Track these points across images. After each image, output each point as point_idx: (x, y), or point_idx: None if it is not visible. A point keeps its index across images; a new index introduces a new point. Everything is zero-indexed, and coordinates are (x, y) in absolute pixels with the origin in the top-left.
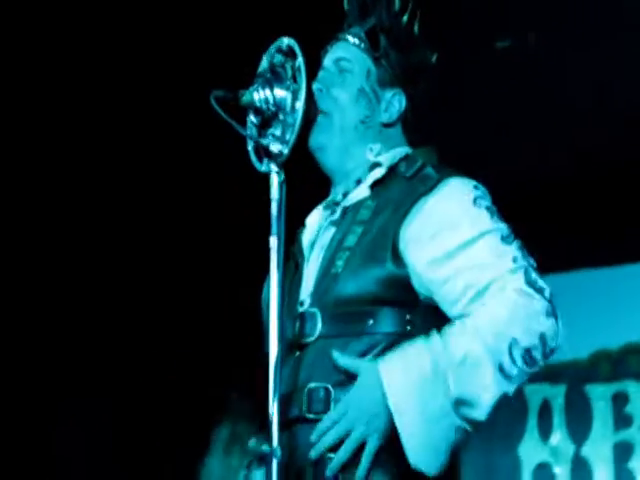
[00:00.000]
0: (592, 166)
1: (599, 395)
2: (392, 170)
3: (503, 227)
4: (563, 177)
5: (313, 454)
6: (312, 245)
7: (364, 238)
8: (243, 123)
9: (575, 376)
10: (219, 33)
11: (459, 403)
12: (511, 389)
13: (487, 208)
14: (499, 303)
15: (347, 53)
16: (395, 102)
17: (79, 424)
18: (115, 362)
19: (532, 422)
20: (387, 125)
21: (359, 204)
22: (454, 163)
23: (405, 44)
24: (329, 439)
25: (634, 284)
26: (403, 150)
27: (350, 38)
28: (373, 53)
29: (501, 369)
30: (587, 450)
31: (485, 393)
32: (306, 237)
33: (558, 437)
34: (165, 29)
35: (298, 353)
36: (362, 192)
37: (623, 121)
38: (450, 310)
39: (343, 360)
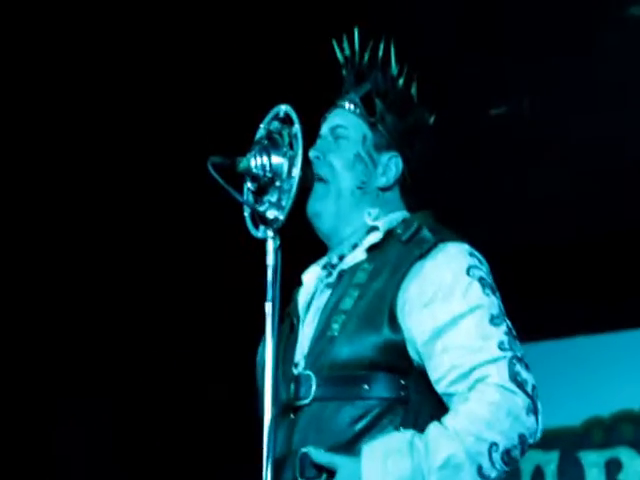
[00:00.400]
0: (587, 231)
1: (592, 462)
2: (389, 234)
3: (494, 303)
4: (558, 242)
5: None
6: (308, 307)
7: (360, 302)
8: (240, 189)
9: (568, 443)
10: (217, 100)
11: None
12: None
13: (480, 279)
14: (480, 403)
15: (343, 120)
16: (392, 165)
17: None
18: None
19: None
20: (384, 189)
21: (355, 267)
22: (450, 227)
23: (401, 107)
24: None
25: (626, 351)
26: (401, 215)
27: (346, 104)
28: (369, 118)
29: (480, 471)
30: None
31: None
32: (302, 298)
33: None
34: (164, 97)
35: (292, 416)
36: (358, 255)
37: (622, 184)
38: (435, 384)
39: (318, 457)
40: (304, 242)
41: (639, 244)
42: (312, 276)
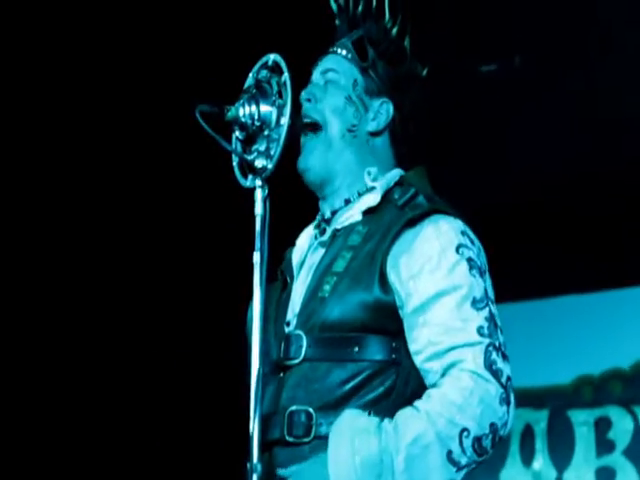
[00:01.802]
0: (579, 189)
1: (582, 420)
2: (385, 196)
3: (479, 286)
4: (550, 199)
5: None
6: (301, 265)
7: (352, 264)
8: (228, 138)
9: (558, 401)
10: (207, 49)
11: None
12: (458, 477)
13: (468, 259)
14: (454, 388)
15: (334, 64)
16: (383, 111)
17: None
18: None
19: (514, 447)
20: (374, 134)
21: (350, 228)
22: (440, 185)
23: (394, 56)
24: None
25: (616, 310)
26: (397, 173)
27: (338, 50)
28: (360, 63)
29: (449, 456)
30: (569, 476)
31: (432, 478)
32: (295, 256)
33: (540, 462)
34: (154, 45)
35: (282, 374)
36: (354, 216)
37: (612, 139)
38: (413, 356)
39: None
40: (293, 192)
41: (627, 203)
42: (305, 237)
